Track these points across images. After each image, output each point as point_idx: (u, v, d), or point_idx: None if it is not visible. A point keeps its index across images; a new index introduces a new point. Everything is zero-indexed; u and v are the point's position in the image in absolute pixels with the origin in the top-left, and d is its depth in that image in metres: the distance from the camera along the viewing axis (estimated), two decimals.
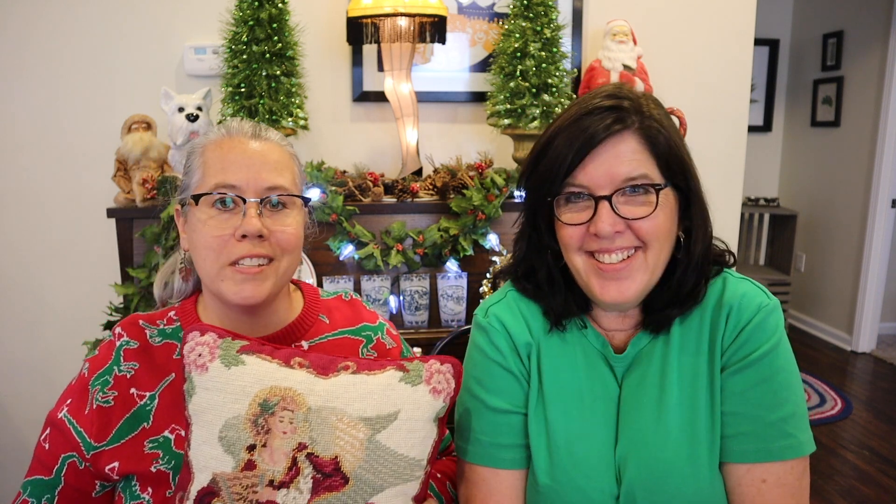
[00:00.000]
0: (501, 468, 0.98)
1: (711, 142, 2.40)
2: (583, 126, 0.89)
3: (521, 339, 1.00)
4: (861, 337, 4.37)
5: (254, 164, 0.96)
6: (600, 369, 0.98)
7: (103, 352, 1.01)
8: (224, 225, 0.94)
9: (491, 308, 1.03)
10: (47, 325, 2.26)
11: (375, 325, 1.13)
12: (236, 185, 0.94)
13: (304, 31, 2.02)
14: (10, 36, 2.12)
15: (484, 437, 0.98)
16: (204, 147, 0.99)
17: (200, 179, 0.97)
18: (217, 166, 0.96)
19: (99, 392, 0.96)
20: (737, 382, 0.91)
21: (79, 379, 1.00)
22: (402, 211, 1.97)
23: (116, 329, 1.01)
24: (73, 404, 0.97)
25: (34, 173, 2.18)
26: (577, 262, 0.94)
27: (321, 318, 1.09)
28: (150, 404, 0.96)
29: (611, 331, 1.01)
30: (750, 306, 0.92)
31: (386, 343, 1.13)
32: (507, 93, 2.01)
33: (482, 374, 1.00)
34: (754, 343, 0.91)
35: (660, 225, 0.90)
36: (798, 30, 4.88)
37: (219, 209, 0.95)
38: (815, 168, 4.75)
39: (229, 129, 1.00)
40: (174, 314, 1.04)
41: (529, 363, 0.99)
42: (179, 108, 1.85)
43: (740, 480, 0.90)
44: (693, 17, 2.39)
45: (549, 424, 0.96)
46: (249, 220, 0.93)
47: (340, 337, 1.09)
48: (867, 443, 3.19)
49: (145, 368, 0.98)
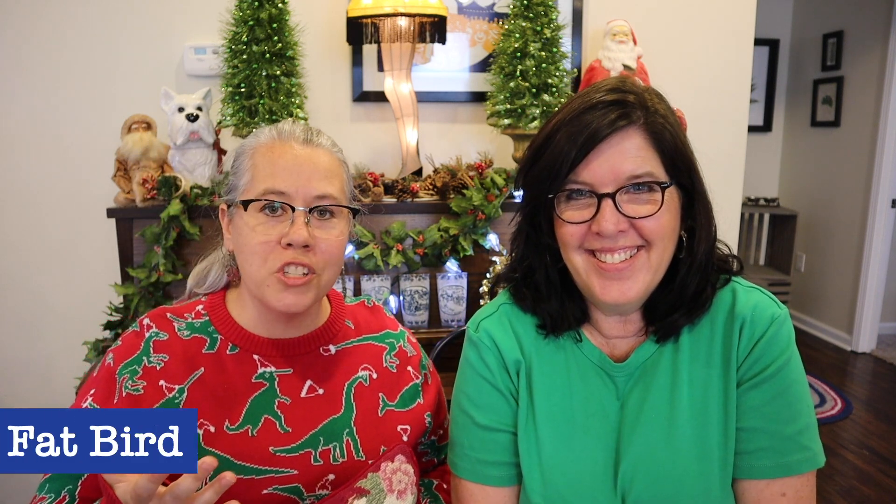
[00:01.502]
0: (489, 485, 0.96)
1: (711, 142, 2.40)
2: (586, 121, 0.85)
3: (510, 356, 0.96)
4: (861, 337, 4.37)
5: (304, 171, 0.95)
6: (596, 385, 0.94)
7: (129, 342, 1.00)
8: (271, 231, 0.94)
9: (482, 322, 1.00)
10: (47, 325, 2.26)
11: (397, 333, 1.14)
12: (285, 191, 0.94)
13: (304, 31, 2.02)
14: (10, 35, 2.12)
15: (472, 452, 0.96)
16: (254, 149, 0.98)
17: (249, 183, 0.96)
18: (267, 171, 0.95)
19: (128, 380, 0.95)
20: (753, 398, 0.88)
21: (103, 368, 0.99)
22: (402, 211, 1.97)
23: (144, 320, 1.01)
24: (99, 394, 0.96)
25: (34, 173, 2.18)
26: (576, 262, 0.90)
27: (347, 324, 1.10)
28: (180, 398, 0.96)
29: (612, 338, 0.97)
30: (763, 318, 0.89)
31: (407, 351, 1.13)
32: (507, 93, 2.01)
33: (471, 389, 0.98)
34: (770, 357, 0.88)
35: (664, 224, 0.86)
36: (798, 30, 4.88)
37: (266, 215, 0.95)
38: (815, 168, 4.75)
39: (281, 132, 0.99)
40: (202, 308, 1.04)
41: (518, 381, 0.96)
42: (179, 108, 1.85)
43: (759, 496, 0.88)
44: (693, 17, 2.39)
45: (541, 444, 0.93)
46: (297, 230, 0.93)
47: (365, 343, 1.09)
48: (867, 443, 3.19)
49: (175, 361, 0.98)
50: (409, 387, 1.09)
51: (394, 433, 1.04)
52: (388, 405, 1.06)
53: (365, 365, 1.07)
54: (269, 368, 1.01)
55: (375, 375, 1.07)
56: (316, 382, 1.02)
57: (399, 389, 1.08)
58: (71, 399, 1.89)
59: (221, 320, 1.02)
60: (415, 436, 1.07)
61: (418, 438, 1.09)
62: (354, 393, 1.04)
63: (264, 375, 1.00)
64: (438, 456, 1.16)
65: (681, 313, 0.91)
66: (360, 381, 1.05)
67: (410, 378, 1.10)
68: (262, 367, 1.01)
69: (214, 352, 1.00)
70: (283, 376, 1.01)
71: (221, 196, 1.04)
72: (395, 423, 1.05)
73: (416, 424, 1.07)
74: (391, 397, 1.07)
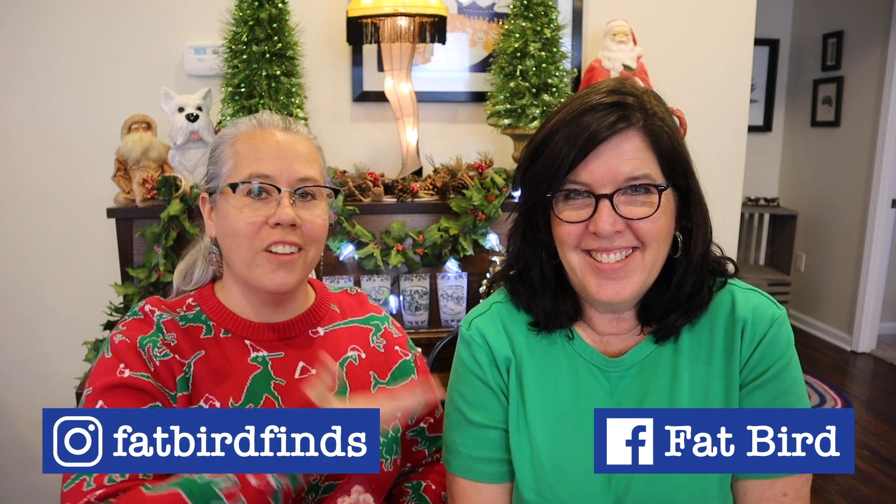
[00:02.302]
0: (482, 482, 0.97)
1: (711, 142, 2.40)
2: (585, 122, 0.86)
3: (501, 353, 0.98)
4: (861, 337, 4.37)
5: (287, 155, 0.99)
6: (588, 382, 0.95)
7: (137, 325, 0.99)
8: (258, 212, 0.97)
9: (474, 321, 1.01)
10: (47, 325, 2.26)
11: (381, 317, 1.18)
12: (270, 175, 0.98)
13: (304, 31, 2.02)
14: (10, 35, 2.11)
15: (465, 449, 0.98)
16: (235, 137, 1.02)
17: (233, 169, 1.00)
18: (251, 156, 0.99)
19: (153, 349, 0.96)
20: (757, 399, 0.90)
21: (119, 346, 0.96)
22: (402, 211, 1.97)
23: (145, 307, 1.02)
24: (134, 364, 0.94)
25: (34, 173, 2.18)
26: (573, 261, 0.91)
27: (333, 308, 1.13)
28: (189, 371, 0.98)
29: (605, 335, 0.97)
30: (764, 319, 0.91)
31: (392, 332, 1.16)
32: (507, 93, 2.01)
33: (463, 386, 0.99)
34: (772, 357, 0.90)
35: (660, 226, 0.88)
36: (798, 30, 4.88)
37: (252, 198, 0.98)
38: (815, 168, 4.75)
39: (261, 121, 1.03)
40: (192, 301, 1.06)
41: (509, 378, 0.97)
42: (179, 108, 1.85)
43: (762, 496, 0.89)
44: (693, 17, 2.39)
45: (533, 440, 0.94)
46: (284, 210, 0.97)
47: (351, 325, 1.12)
48: (867, 443, 3.19)
49: (182, 340, 1.00)
50: (399, 363, 1.12)
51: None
52: (379, 382, 1.09)
53: (353, 345, 1.10)
54: (262, 353, 1.03)
55: (364, 355, 1.10)
56: (308, 363, 1.04)
57: (389, 367, 1.11)
58: (71, 399, 1.89)
59: (212, 308, 1.05)
60: (407, 415, 1.07)
61: (409, 418, 1.10)
62: (346, 371, 1.06)
63: (257, 359, 1.02)
64: (429, 447, 1.16)
65: (679, 314, 0.92)
66: (351, 360, 1.08)
67: (399, 356, 1.13)
68: (255, 351, 1.03)
69: (212, 337, 1.02)
70: (276, 359, 1.03)
71: (200, 187, 1.07)
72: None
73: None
74: (382, 375, 1.10)
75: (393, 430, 1.06)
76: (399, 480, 1.14)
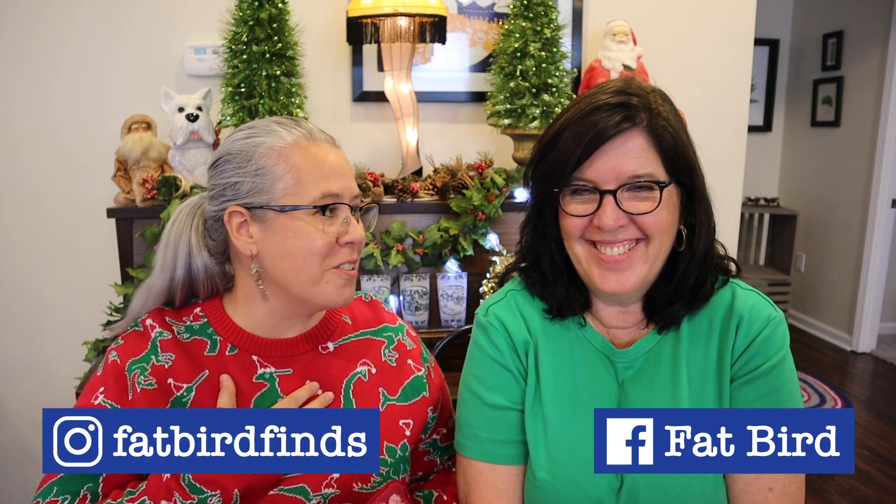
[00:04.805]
0: (499, 463, 0.99)
1: (711, 142, 2.40)
2: (592, 122, 0.90)
3: (519, 337, 1.01)
4: (861, 337, 4.37)
5: (345, 172, 1.00)
6: (598, 369, 0.99)
7: (133, 341, 1.00)
8: (328, 231, 0.97)
9: (491, 307, 1.05)
10: (47, 325, 2.26)
11: (395, 327, 1.14)
12: (339, 193, 0.97)
13: (304, 31, 2.02)
14: (10, 35, 2.11)
15: (482, 432, 1.00)
16: (284, 149, 0.96)
17: (295, 185, 0.95)
18: (317, 173, 0.96)
19: (139, 376, 0.96)
20: (746, 393, 0.93)
21: (109, 366, 0.98)
22: (402, 211, 1.97)
23: (146, 321, 1.01)
24: (111, 390, 0.96)
25: (34, 173, 2.18)
26: (578, 251, 0.96)
27: (344, 319, 1.11)
28: (188, 396, 0.97)
29: (612, 328, 1.01)
30: (759, 318, 0.94)
31: (406, 344, 1.13)
32: (507, 93, 2.01)
33: (481, 371, 1.02)
34: (764, 355, 0.93)
35: (662, 220, 0.91)
36: (798, 30, 4.88)
37: (324, 217, 0.97)
38: (815, 168, 4.75)
39: (310, 131, 0.99)
40: (200, 311, 1.04)
41: (527, 361, 1.01)
42: (179, 108, 1.85)
43: (747, 488, 0.91)
44: (693, 17, 2.39)
45: (547, 422, 0.97)
46: (356, 229, 0.99)
47: (363, 338, 1.10)
48: (867, 443, 3.19)
49: (181, 360, 0.99)
50: (410, 379, 1.09)
51: (396, 428, 1.04)
52: (389, 399, 1.06)
53: (363, 360, 1.07)
54: (269, 369, 1.01)
55: (374, 370, 1.07)
56: (315, 381, 1.02)
57: (400, 383, 1.08)
58: (71, 399, 1.89)
59: (220, 321, 1.03)
60: (417, 431, 1.07)
61: (420, 434, 1.09)
62: (353, 389, 1.04)
63: (264, 376, 1.01)
64: (441, 456, 1.16)
65: (681, 304, 0.96)
66: (359, 376, 1.06)
67: (412, 371, 1.10)
68: (262, 367, 1.01)
69: (216, 354, 1.01)
70: (283, 376, 1.01)
71: (231, 198, 0.97)
72: (396, 417, 1.05)
73: (418, 419, 1.07)
74: (392, 391, 1.07)
75: (401, 448, 1.04)
76: (410, 488, 1.12)
